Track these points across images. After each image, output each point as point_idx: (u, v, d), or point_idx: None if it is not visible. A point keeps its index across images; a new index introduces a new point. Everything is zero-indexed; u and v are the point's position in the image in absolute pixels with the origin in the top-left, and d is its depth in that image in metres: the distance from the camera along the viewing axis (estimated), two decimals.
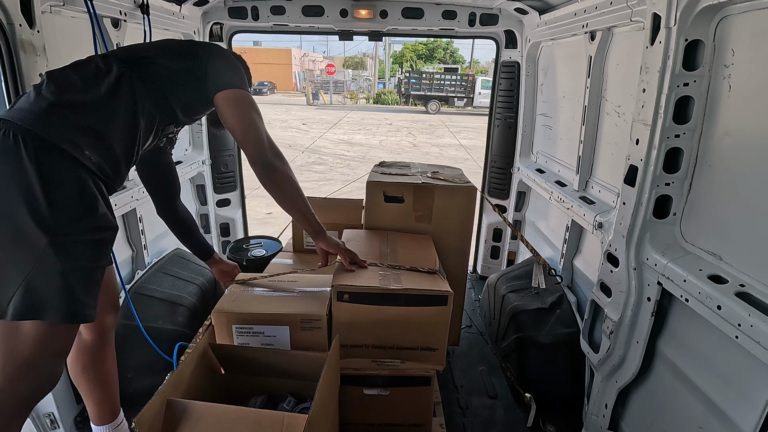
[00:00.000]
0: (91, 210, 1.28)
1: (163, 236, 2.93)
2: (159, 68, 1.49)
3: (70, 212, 1.23)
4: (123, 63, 1.44)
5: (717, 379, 1.39)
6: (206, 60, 1.54)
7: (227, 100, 1.52)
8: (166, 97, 1.50)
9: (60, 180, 1.22)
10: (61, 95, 1.31)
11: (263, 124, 1.57)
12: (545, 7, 2.71)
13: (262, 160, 1.52)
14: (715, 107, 1.44)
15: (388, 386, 1.73)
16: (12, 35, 1.59)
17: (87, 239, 1.27)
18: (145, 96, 1.44)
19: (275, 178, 1.56)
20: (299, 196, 1.64)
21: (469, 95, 24.93)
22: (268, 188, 1.58)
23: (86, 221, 1.26)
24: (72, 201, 1.24)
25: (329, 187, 8.32)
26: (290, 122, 18.87)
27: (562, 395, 2.25)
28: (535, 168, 3.06)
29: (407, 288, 1.64)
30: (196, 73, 1.53)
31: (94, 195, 1.29)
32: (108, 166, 1.35)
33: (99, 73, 1.39)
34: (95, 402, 1.75)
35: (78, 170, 1.26)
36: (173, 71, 1.52)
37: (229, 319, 1.67)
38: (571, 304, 2.41)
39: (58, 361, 1.34)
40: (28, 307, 1.20)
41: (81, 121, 1.30)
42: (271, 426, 1.26)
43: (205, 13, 3.03)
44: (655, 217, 1.62)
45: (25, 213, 1.17)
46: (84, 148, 1.27)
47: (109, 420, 1.79)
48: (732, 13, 1.36)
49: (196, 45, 1.63)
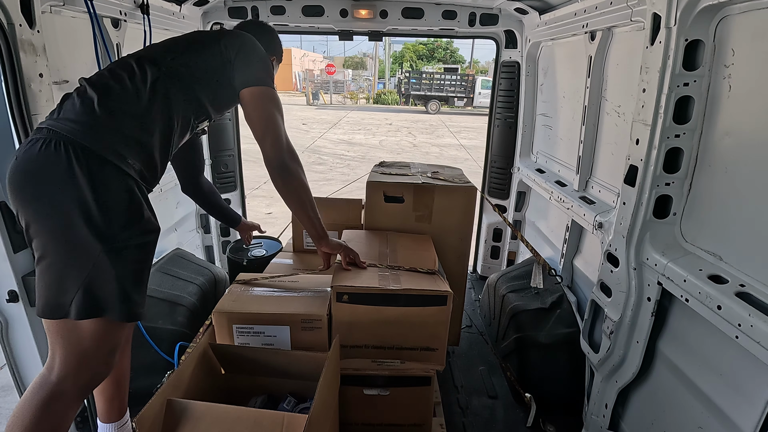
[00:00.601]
0: (139, 216, 1.36)
1: (163, 236, 2.91)
2: (191, 69, 1.53)
3: (121, 220, 1.31)
4: (156, 67, 1.47)
5: (717, 379, 1.39)
6: (234, 53, 1.57)
7: (253, 97, 1.56)
8: (199, 97, 1.55)
9: (111, 190, 1.30)
10: (104, 104, 1.35)
11: (284, 124, 1.60)
12: (545, 7, 2.71)
13: (278, 161, 1.55)
14: (715, 107, 1.44)
15: (388, 386, 1.73)
16: (12, 35, 1.59)
17: (135, 243, 1.35)
18: (180, 98, 1.49)
19: (289, 181, 1.59)
20: (309, 201, 1.65)
21: (469, 95, 24.91)
22: (280, 189, 1.60)
23: (135, 227, 1.34)
24: (122, 210, 1.32)
25: (329, 187, 8.31)
26: (290, 122, 18.85)
27: (562, 395, 2.25)
28: (535, 168, 3.06)
29: (407, 288, 1.64)
30: (225, 68, 1.57)
31: (140, 201, 1.37)
32: (147, 171, 1.42)
33: (136, 79, 1.43)
34: (107, 399, 1.75)
35: (125, 179, 1.33)
36: (203, 70, 1.55)
37: (230, 319, 1.68)
38: (571, 304, 2.41)
39: (113, 352, 1.42)
40: (89, 308, 1.29)
41: (125, 130, 1.36)
42: (271, 426, 1.26)
43: (205, 13, 3.03)
44: (655, 217, 1.62)
45: (81, 223, 1.25)
46: (128, 157, 1.34)
47: (116, 418, 1.80)
48: (732, 13, 1.36)
49: (225, 38, 1.63)
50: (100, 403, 1.77)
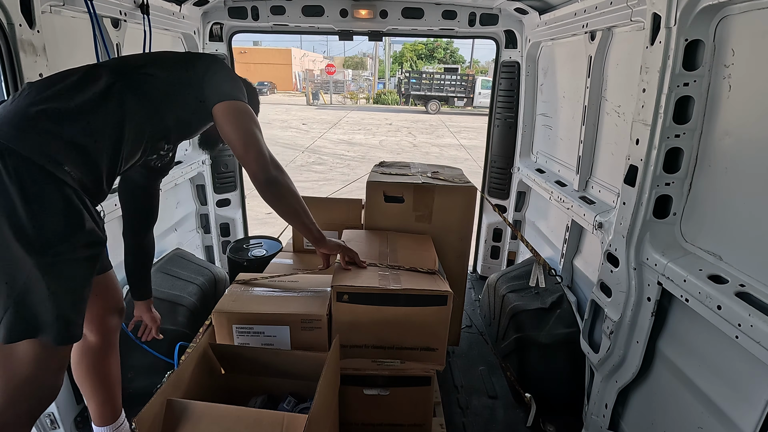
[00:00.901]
0: (77, 227, 1.22)
1: (163, 236, 2.93)
2: (153, 80, 1.43)
3: (56, 231, 1.19)
4: (114, 73, 1.38)
5: (717, 379, 1.39)
6: (203, 71, 1.49)
7: (226, 113, 1.47)
8: (159, 112, 1.44)
9: (43, 198, 1.17)
10: (43, 104, 1.23)
11: (263, 137, 1.51)
12: (545, 7, 2.71)
13: (265, 176, 1.47)
14: (715, 107, 1.44)
15: (388, 386, 1.73)
16: (12, 35, 1.59)
17: (75, 257, 1.23)
18: (135, 109, 1.37)
19: (279, 193, 1.52)
20: (301, 208, 1.60)
21: (469, 95, 24.93)
22: (271, 203, 1.53)
23: (74, 239, 1.21)
24: (56, 219, 1.19)
25: (329, 187, 8.31)
26: (290, 122, 18.87)
27: (562, 395, 2.25)
28: (535, 168, 3.06)
29: (407, 288, 1.63)
30: (193, 86, 1.48)
31: (79, 211, 1.23)
32: (89, 181, 1.27)
33: (86, 82, 1.32)
34: (97, 403, 1.75)
35: (61, 187, 1.19)
36: (168, 83, 1.46)
37: (230, 319, 1.67)
38: (571, 304, 2.41)
39: (57, 375, 1.33)
40: (20, 329, 1.19)
41: (62, 133, 1.23)
42: (271, 426, 1.26)
43: (205, 13, 3.03)
44: (655, 217, 1.62)
45: (10, 234, 1.13)
46: (64, 164, 1.20)
47: (110, 421, 1.79)
48: (732, 13, 1.36)
49: (194, 56, 1.58)
50: (92, 407, 1.76)
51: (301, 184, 8.92)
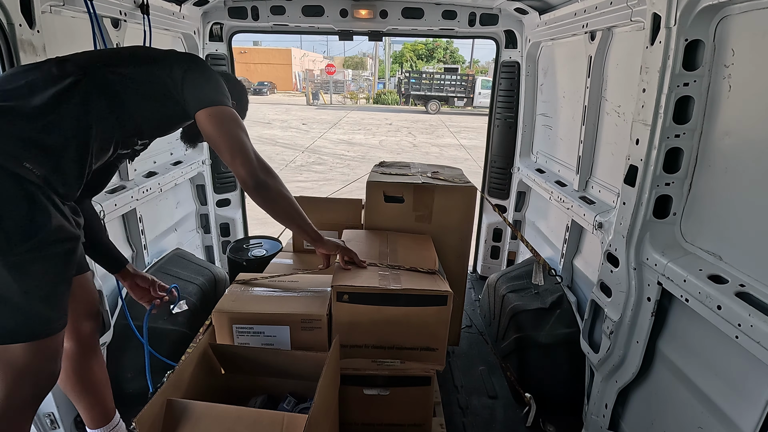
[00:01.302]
0: (44, 225, 1.20)
1: (163, 236, 2.93)
2: (124, 79, 1.39)
3: (20, 229, 1.16)
4: (81, 70, 1.33)
5: (717, 379, 1.39)
6: (182, 73, 1.44)
7: (210, 119, 1.43)
8: (131, 112, 1.40)
9: (3, 197, 1.15)
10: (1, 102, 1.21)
11: (249, 140, 1.49)
12: (545, 7, 2.71)
13: (254, 181, 1.45)
14: (715, 107, 1.44)
15: (388, 386, 1.73)
16: (12, 35, 1.59)
17: (44, 255, 1.21)
18: (103, 107, 1.33)
19: (269, 197, 1.50)
20: (294, 210, 1.59)
21: (469, 95, 24.94)
22: (263, 207, 1.52)
23: (41, 237, 1.19)
24: (19, 218, 1.16)
25: (329, 187, 8.31)
26: (290, 122, 18.87)
27: (562, 395, 2.25)
28: (535, 168, 3.06)
29: (407, 288, 1.63)
30: (170, 88, 1.43)
31: (45, 208, 1.20)
32: (54, 180, 1.23)
33: (49, 78, 1.28)
34: (85, 407, 1.73)
35: (23, 185, 1.17)
36: (142, 83, 1.41)
37: (230, 319, 1.67)
38: (571, 304, 2.41)
39: (54, 362, 1.36)
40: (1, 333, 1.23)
41: (19, 131, 1.20)
42: (271, 426, 1.26)
43: (205, 13, 3.03)
44: (655, 217, 1.62)
45: None
46: (24, 161, 1.17)
47: (102, 423, 1.78)
48: (732, 13, 1.36)
49: (171, 56, 1.52)
50: (81, 412, 1.75)
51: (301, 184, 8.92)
